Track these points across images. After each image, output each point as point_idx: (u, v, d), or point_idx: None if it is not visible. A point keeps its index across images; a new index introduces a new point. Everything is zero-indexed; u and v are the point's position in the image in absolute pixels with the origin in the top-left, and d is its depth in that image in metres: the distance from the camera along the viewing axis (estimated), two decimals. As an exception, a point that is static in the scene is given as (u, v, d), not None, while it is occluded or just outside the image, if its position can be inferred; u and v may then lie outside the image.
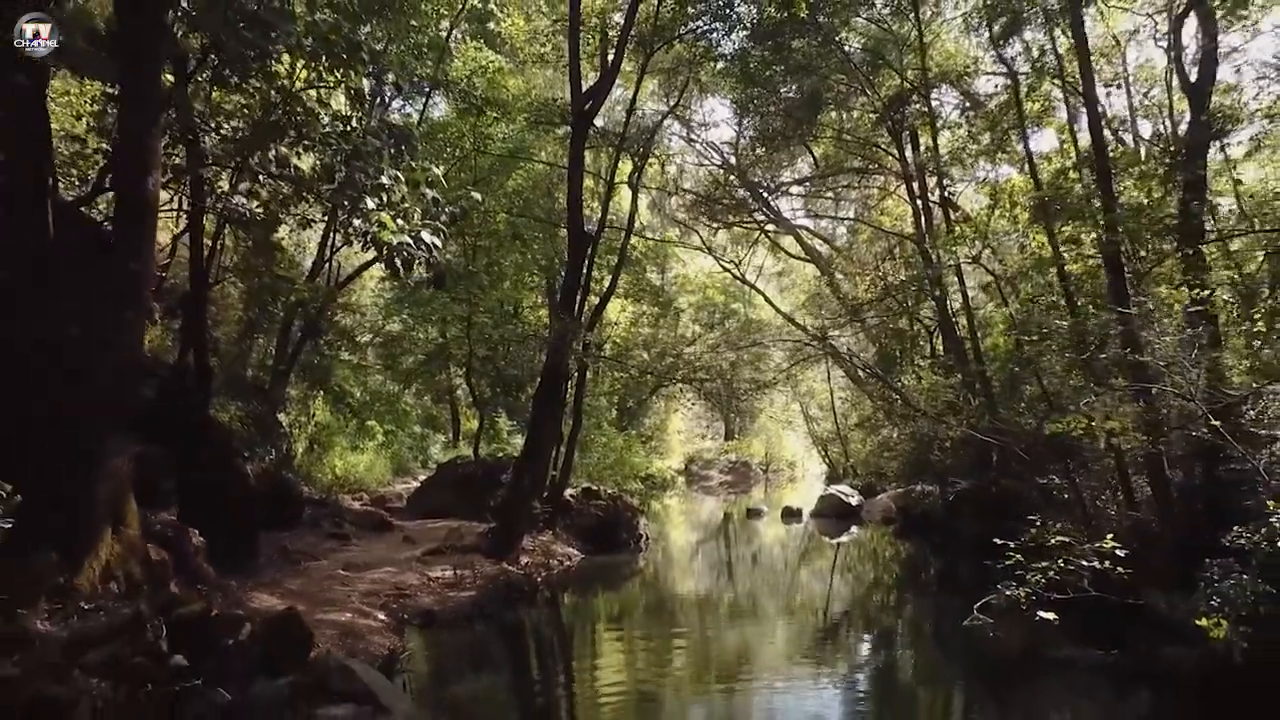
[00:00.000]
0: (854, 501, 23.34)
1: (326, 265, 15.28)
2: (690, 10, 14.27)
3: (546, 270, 19.97)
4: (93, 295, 4.78)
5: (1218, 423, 6.64)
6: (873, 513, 22.75)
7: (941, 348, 19.55)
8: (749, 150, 23.05)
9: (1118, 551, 6.40)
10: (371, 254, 12.90)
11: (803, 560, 17.78)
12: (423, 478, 19.31)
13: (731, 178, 24.40)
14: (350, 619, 8.66)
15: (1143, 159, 13.80)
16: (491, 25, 14.70)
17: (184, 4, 6.69)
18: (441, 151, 14.04)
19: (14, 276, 4.90)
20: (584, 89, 12.84)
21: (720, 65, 17.06)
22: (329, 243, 14.76)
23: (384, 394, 20.67)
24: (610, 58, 13.51)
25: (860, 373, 24.91)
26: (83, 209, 7.67)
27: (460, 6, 13.77)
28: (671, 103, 19.66)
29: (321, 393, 17.43)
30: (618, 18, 14.75)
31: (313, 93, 7.43)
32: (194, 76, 7.40)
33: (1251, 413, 7.63)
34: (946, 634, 10.04)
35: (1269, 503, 6.73)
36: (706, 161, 26.69)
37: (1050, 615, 6.40)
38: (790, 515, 23.12)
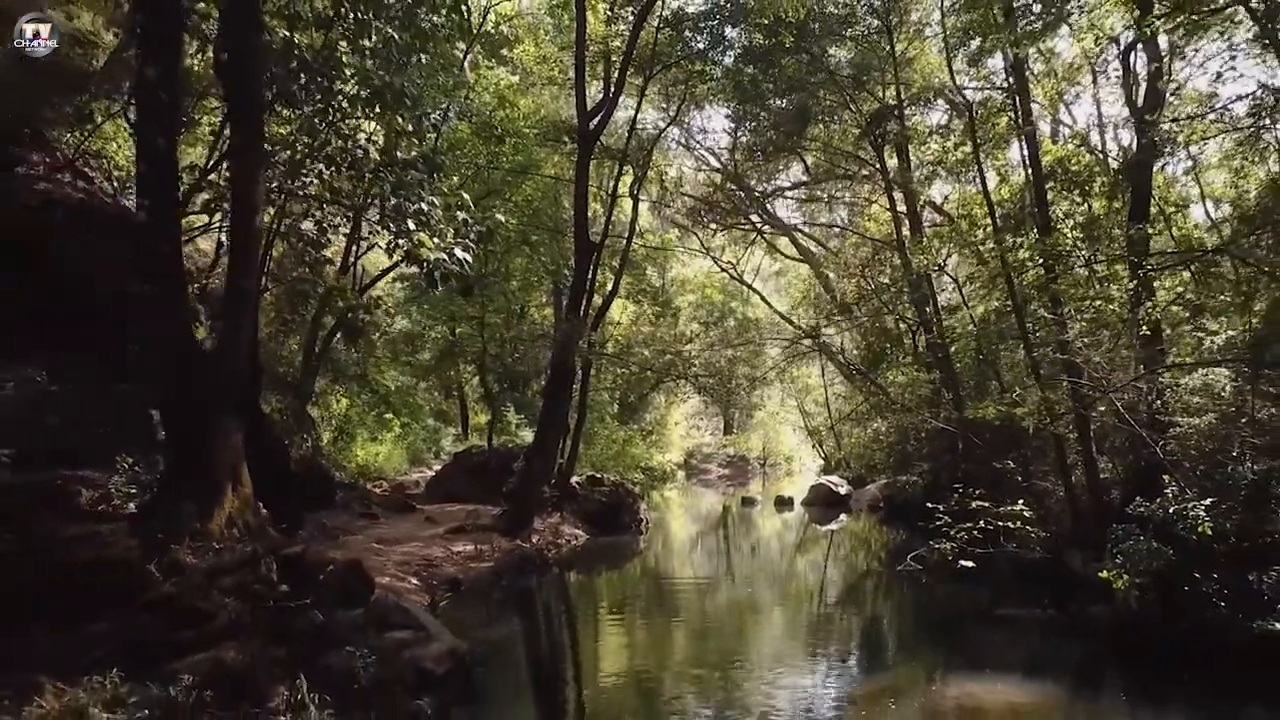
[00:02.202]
0: (843, 491, 24.61)
1: (351, 269, 16.60)
2: (687, 35, 15.59)
3: (553, 273, 21.24)
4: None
5: (1106, 408, 7.94)
6: (861, 501, 24.00)
7: (924, 345, 20.83)
8: (745, 158, 24.32)
9: (1025, 513, 7.73)
10: (393, 258, 14.28)
11: (788, 541, 19.12)
12: (436, 467, 20.64)
13: (729, 183, 25.65)
14: (389, 582, 9.99)
15: (1113, 169, 15.06)
16: (505, 51, 16.01)
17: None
18: (459, 166, 15.33)
19: (158, 291, 6.25)
20: (589, 107, 14.16)
21: (716, 82, 18.34)
22: (355, 248, 16.07)
23: (401, 388, 22.00)
24: (612, 82, 14.82)
25: (850, 369, 26.28)
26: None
27: (475, 33, 15.03)
28: (670, 112, 20.90)
29: (343, 387, 18.78)
30: (618, 43, 16.05)
31: (363, 129, 8.76)
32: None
33: (1158, 403, 8.94)
34: (913, 599, 11.38)
35: (1164, 478, 8.06)
36: (705, 167, 27.98)
37: (969, 563, 7.73)
38: (782, 504, 24.47)
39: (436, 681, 6.26)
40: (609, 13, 15.83)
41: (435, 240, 8.35)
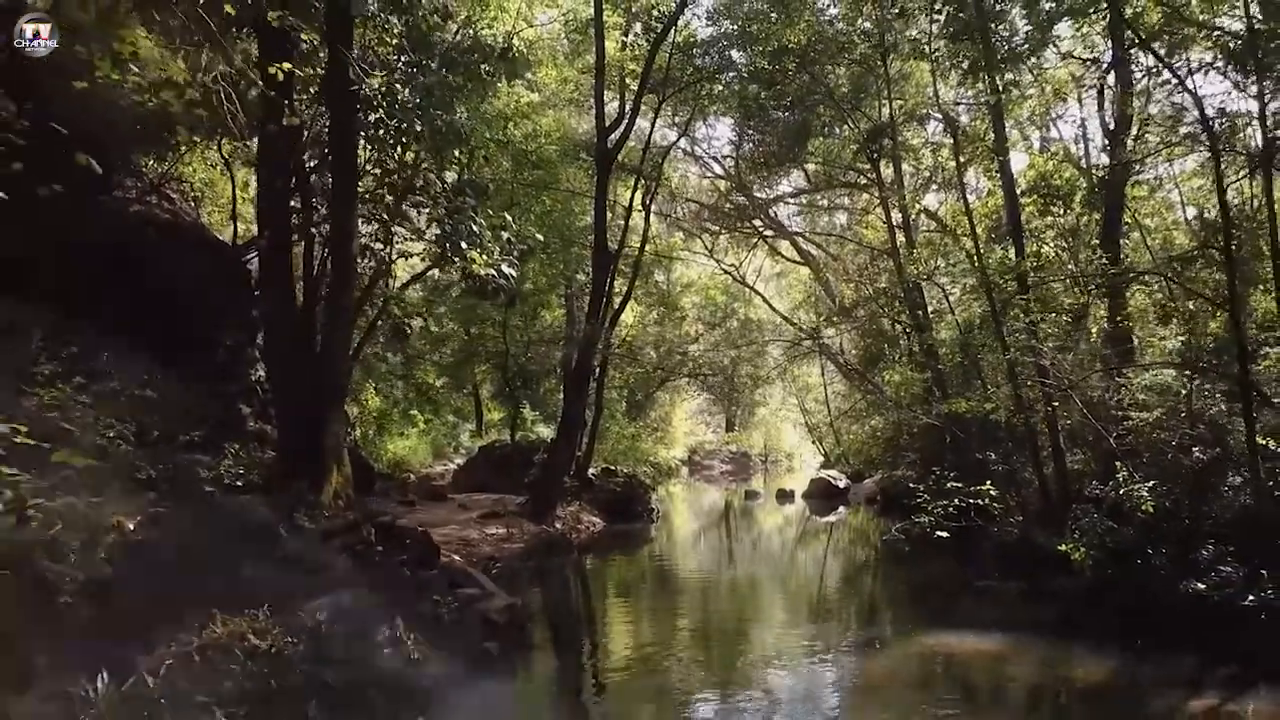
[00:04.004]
0: (841, 484, 25.84)
1: (385, 272, 17.83)
2: (697, 61, 16.90)
3: (566, 279, 22.47)
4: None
5: (1069, 404, 9.21)
6: (859, 495, 25.24)
7: (918, 347, 22.04)
8: (748, 167, 25.56)
9: (992, 492, 9.02)
10: (425, 263, 15.46)
11: (789, 530, 20.40)
12: (458, 461, 21.93)
13: (733, 190, 26.89)
14: (436, 558, 11.29)
15: (1090, 184, 16.31)
16: (529, 74, 17.24)
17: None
18: (486, 179, 16.58)
19: (278, 306, 7.52)
20: (607, 124, 15.42)
21: (722, 97, 19.61)
22: (388, 253, 17.32)
23: (430, 386, 23.32)
24: (628, 103, 16.10)
25: (848, 369, 27.55)
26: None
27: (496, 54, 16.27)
28: (679, 125, 22.12)
29: (373, 384, 20.07)
30: (632, 65, 17.34)
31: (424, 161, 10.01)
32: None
33: (1114, 400, 10.19)
34: (901, 575, 12.68)
35: (1116, 464, 9.33)
36: (709, 174, 29.21)
37: (945, 534, 9.03)
38: (784, 497, 25.73)
39: (500, 629, 7.56)
40: (623, 39, 17.14)
41: (484, 258, 9.62)
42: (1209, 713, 6.24)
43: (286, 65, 4.92)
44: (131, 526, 6.17)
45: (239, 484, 7.93)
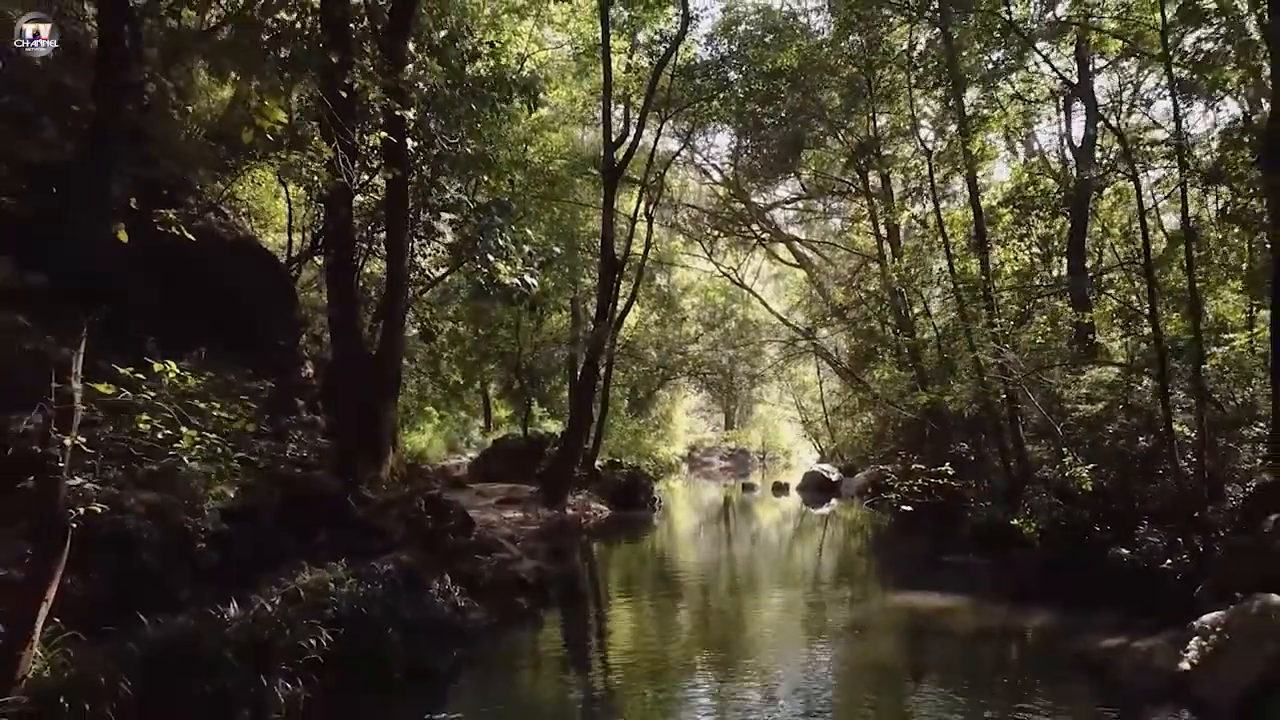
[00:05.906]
0: (834, 478, 27.14)
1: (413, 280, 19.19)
2: (697, 82, 18.26)
3: (573, 283, 23.75)
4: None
5: (1025, 397, 10.56)
6: (851, 488, 26.56)
7: (906, 347, 23.36)
8: (745, 176, 26.89)
9: (949, 471, 10.38)
10: (446, 268, 16.79)
11: (783, 518, 21.75)
12: (471, 454, 23.25)
13: (732, 197, 28.21)
14: (463, 536, 12.63)
15: (1059, 198, 17.64)
16: (542, 95, 18.58)
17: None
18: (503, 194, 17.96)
19: (343, 313, 8.88)
20: (613, 139, 16.76)
21: (720, 114, 20.96)
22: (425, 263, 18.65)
23: (456, 383, 24.71)
24: (633, 121, 17.43)
25: (842, 367, 28.85)
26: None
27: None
28: (680, 137, 23.44)
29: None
30: (636, 85, 18.69)
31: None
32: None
33: (1067, 392, 11.54)
34: (880, 552, 14.03)
35: (1063, 449, 10.67)
36: (709, 181, 30.52)
37: (909, 508, 10.38)
38: (779, 489, 27.09)
39: (529, 588, 8.91)
40: (627, 61, 18.53)
41: (508, 268, 10.95)
42: (1116, 649, 7.56)
43: (382, 135, 6.19)
44: (232, 494, 7.52)
45: (303, 465, 9.26)
